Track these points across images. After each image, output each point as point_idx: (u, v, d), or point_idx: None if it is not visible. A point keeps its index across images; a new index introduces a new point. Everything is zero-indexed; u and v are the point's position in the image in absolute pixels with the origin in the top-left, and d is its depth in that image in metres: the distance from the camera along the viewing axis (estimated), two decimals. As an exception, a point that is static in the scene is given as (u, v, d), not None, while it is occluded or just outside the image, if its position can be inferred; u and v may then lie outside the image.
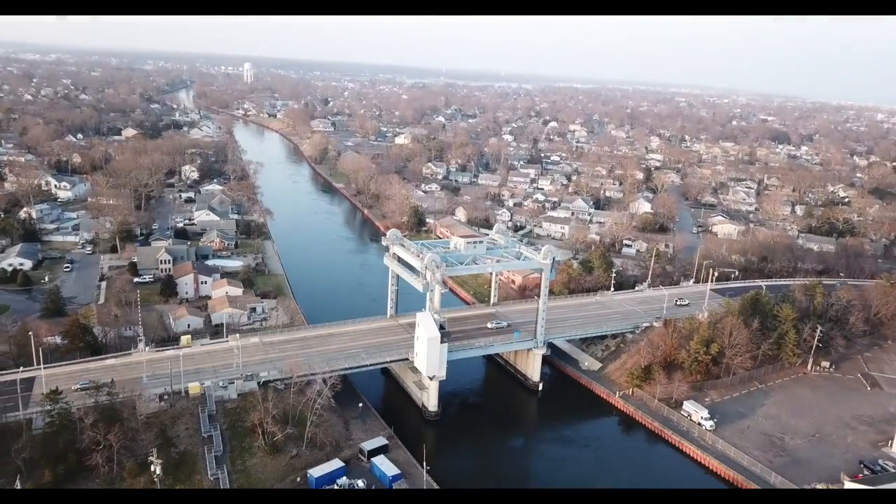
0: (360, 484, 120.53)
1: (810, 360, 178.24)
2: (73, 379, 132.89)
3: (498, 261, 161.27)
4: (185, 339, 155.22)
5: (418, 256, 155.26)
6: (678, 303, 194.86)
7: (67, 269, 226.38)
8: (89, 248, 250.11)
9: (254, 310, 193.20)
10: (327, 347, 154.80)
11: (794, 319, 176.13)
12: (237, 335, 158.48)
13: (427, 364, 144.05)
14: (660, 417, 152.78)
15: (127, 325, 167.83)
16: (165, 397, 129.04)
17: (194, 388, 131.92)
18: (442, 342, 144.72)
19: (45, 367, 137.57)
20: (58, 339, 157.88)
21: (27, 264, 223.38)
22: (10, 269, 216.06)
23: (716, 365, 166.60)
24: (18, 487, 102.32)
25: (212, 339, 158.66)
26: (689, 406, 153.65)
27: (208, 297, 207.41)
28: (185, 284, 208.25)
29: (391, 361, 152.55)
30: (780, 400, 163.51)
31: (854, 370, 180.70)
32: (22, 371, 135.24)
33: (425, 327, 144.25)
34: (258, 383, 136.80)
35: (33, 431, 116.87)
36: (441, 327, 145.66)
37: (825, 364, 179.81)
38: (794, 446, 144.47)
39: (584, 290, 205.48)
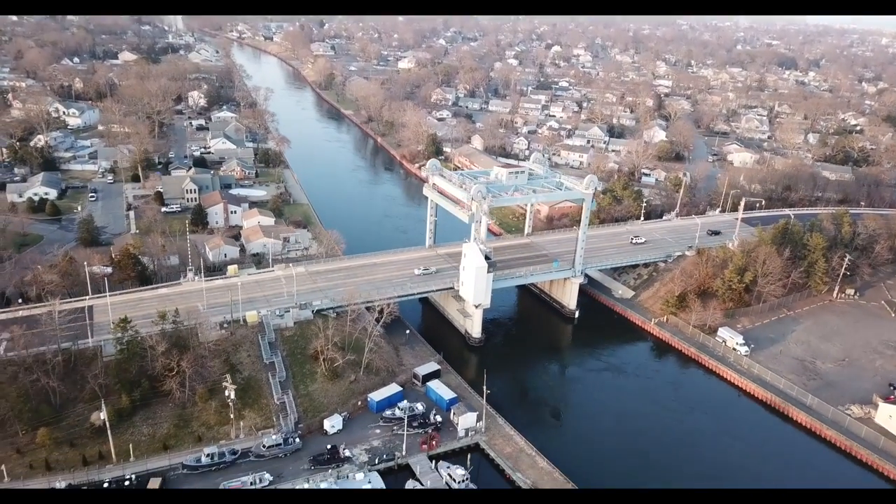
0: (420, 407, 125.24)
1: (836, 288, 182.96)
2: (128, 308, 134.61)
3: (540, 191, 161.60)
4: (231, 268, 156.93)
5: (461, 187, 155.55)
6: (709, 232, 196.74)
7: (93, 199, 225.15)
8: (110, 178, 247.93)
9: (287, 239, 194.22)
10: (373, 277, 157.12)
11: (823, 248, 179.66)
12: (283, 265, 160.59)
13: (474, 293, 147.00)
14: (695, 343, 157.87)
15: (167, 256, 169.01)
16: (225, 325, 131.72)
17: (251, 316, 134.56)
18: (488, 272, 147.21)
19: (98, 297, 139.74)
20: (103, 269, 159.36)
21: (52, 194, 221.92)
22: (36, 198, 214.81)
23: (747, 293, 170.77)
24: (103, 415, 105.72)
25: (258, 269, 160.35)
26: (723, 332, 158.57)
27: (238, 227, 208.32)
28: (215, 214, 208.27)
29: (437, 290, 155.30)
30: (808, 326, 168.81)
31: (878, 297, 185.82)
32: (78, 301, 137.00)
33: (472, 257, 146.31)
34: (312, 312, 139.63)
35: (104, 358, 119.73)
36: (486, 257, 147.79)
37: (850, 292, 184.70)
38: (826, 370, 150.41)
39: (614, 219, 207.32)
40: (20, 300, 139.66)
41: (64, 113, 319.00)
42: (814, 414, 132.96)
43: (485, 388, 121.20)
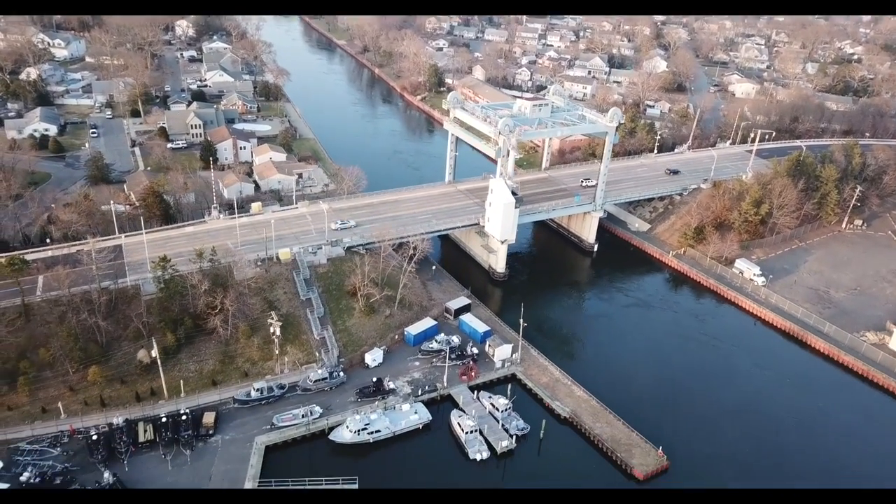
0: (455, 340, 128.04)
1: (845, 219, 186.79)
2: (158, 247, 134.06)
3: (564, 124, 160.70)
4: (255, 206, 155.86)
5: (486, 121, 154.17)
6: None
7: (94, 135, 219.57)
8: (109, 113, 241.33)
9: (300, 175, 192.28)
10: (397, 213, 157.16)
11: (835, 180, 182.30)
12: (306, 202, 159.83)
13: (501, 229, 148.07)
14: (713, 275, 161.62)
15: (183, 194, 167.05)
16: (259, 263, 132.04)
17: (284, 254, 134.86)
18: (515, 208, 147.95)
19: (127, 236, 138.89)
20: (122, 207, 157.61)
21: (52, 130, 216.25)
22: (38, 135, 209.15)
23: (762, 225, 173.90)
24: (154, 352, 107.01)
25: (282, 206, 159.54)
26: (740, 263, 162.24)
27: (247, 163, 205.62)
28: (225, 150, 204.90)
29: (463, 227, 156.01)
30: (820, 256, 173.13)
31: (884, 228, 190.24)
32: (106, 240, 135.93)
33: (499, 193, 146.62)
34: (343, 249, 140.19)
35: (144, 297, 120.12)
36: (513, 193, 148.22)
37: (858, 222, 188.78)
38: (839, 299, 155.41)
39: (627, 153, 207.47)
40: (48, 240, 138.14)
41: (49, 44, 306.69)
42: (831, 341, 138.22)
43: (521, 320, 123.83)
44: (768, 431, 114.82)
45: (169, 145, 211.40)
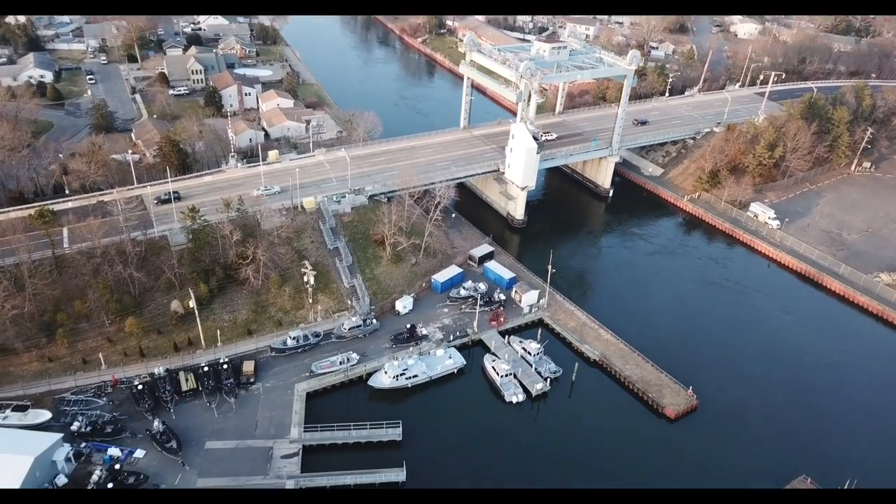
0: (482, 287, 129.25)
1: (855, 162, 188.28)
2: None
3: (583, 67, 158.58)
4: (272, 154, 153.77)
5: (505, 64, 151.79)
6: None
7: (92, 82, 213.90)
8: (103, 58, 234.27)
9: (308, 122, 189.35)
10: (415, 160, 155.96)
11: (847, 122, 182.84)
12: (323, 149, 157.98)
13: (523, 175, 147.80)
14: (728, 218, 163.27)
15: (199, 142, 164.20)
16: (284, 212, 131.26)
17: (309, 202, 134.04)
18: (536, 153, 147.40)
19: (146, 186, 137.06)
20: (134, 157, 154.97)
21: (48, 76, 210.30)
22: (34, 82, 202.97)
23: (775, 168, 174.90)
24: (192, 303, 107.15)
25: (299, 154, 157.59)
26: (755, 207, 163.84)
27: (253, 110, 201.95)
28: (230, 97, 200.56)
29: (483, 173, 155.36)
30: (831, 199, 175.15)
31: (892, 170, 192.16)
32: (127, 189, 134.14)
33: (521, 138, 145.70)
34: (366, 197, 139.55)
35: (173, 248, 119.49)
36: (534, 138, 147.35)
37: (867, 165, 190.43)
38: (852, 241, 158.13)
39: (637, 96, 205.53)
40: (66, 191, 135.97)
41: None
42: (846, 282, 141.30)
43: (549, 266, 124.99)
44: (794, 373, 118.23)
45: (170, 92, 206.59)
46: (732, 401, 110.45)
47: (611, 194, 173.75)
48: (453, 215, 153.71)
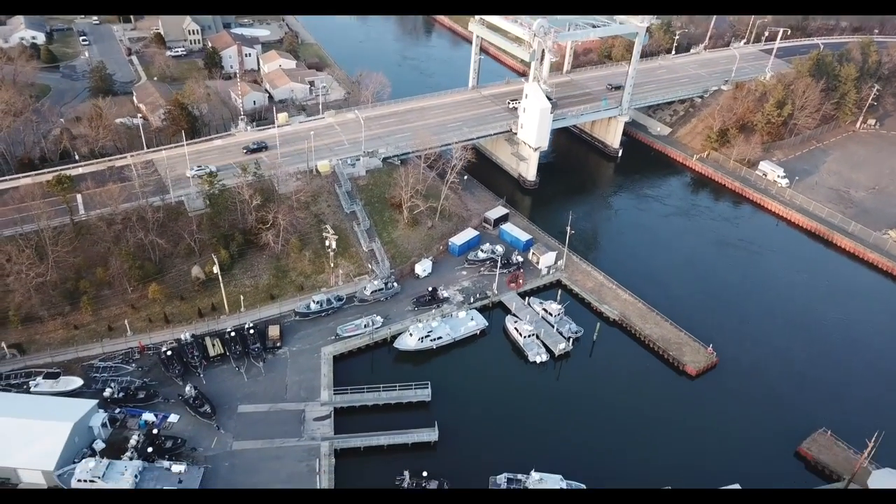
0: (500, 249, 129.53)
1: (860, 119, 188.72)
2: (190, 162, 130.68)
3: (595, 25, 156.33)
4: (281, 116, 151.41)
5: (517, 22, 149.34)
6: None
7: (86, 43, 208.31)
8: (94, 18, 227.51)
9: (312, 83, 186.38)
10: (426, 121, 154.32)
11: (854, 79, 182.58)
12: (332, 111, 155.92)
13: (536, 135, 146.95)
14: (738, 177, 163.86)
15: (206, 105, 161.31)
16: (299, 176, 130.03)
17: (324, 166, 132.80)
18: (550, 113, 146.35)
19: (156, 151, 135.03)
20: (135, 120, 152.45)
21: (39, 37, 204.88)
22: (27, 44, 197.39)
23: (783, 126, 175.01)
24: (216, 268, 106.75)
25: (308, 117, 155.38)
26: (764, 165, 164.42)
27: (253, 71, 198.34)
28: (230, 58, 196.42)
29: (496, 134, 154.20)
30: (837, 157, 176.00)
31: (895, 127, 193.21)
32: (138, 154, 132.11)
33: (535, 98, 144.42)
34: (380, 160, 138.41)
35: (190, 213, 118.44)
36: (548, 97, 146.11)
37: (871, 122, 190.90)
38: (860, 198, 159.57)
39: (644, 54, 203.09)
40: (76, 157, 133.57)
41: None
42: (856, 240, 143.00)
43: (568, 228, 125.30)
44: (809, 330, 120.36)
45: (168, 53, 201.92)
46: (751, 358, 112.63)
47: (620, 154, 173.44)
48: (465, 177, 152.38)
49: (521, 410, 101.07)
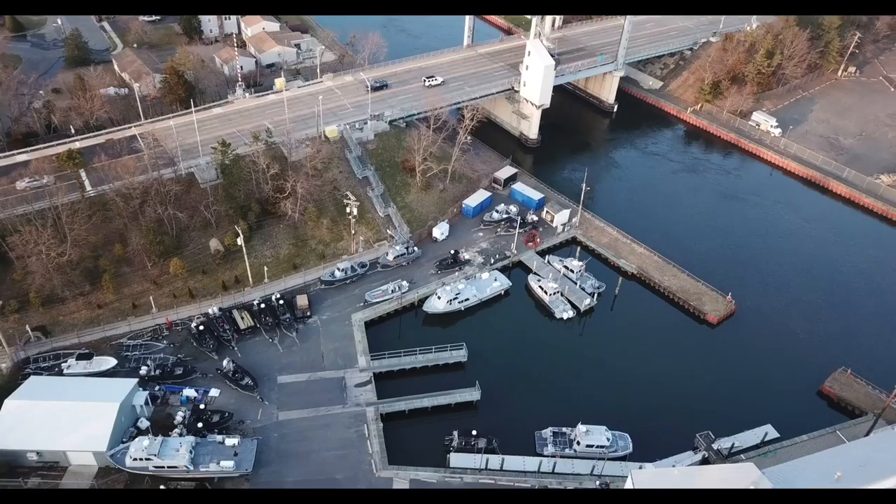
0: (514, 209, 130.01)
1: (841, 67, 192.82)
2: (192, 132, 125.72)
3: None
4: (279, 82, 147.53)
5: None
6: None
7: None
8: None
9: (298, 46, 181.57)
10: (427, 82, 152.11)
11: (837, 27, 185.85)
12: (330, 74, 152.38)
13: (540, 93, 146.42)
14: (733, 128, 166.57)
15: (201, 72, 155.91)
16: (308, 143, 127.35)
17: (332, 131, 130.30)
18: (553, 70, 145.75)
19: (155, 121, 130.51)
20: (118, 91, 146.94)
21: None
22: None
23: (772, 76, 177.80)
24: (240, 240, 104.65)
25: (307, 81, 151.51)
26: (757, 116, 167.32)
27: (233, 35, 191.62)
28: (209, 21, 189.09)
29: (498, 92, 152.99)
30: (824, 105, 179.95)
31: (875, 74, 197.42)
32: (140, 124, 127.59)
33: (537, 56, 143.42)
34: (387, 123, 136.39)
35: (202, 185, 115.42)
36: (551, 55, 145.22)
37: (852, 70, 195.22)
38: (849, 145, 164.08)
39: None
40: (72, 130, 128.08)
41: None
42: (851, 185, 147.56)
43: (584, 185, 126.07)
44: (822, 277, 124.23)
45: (142, 18, 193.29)
46: (767, 304, 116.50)
47: (615, 110, 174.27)
48: (468, 138, 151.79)
49: (555, 366, 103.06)
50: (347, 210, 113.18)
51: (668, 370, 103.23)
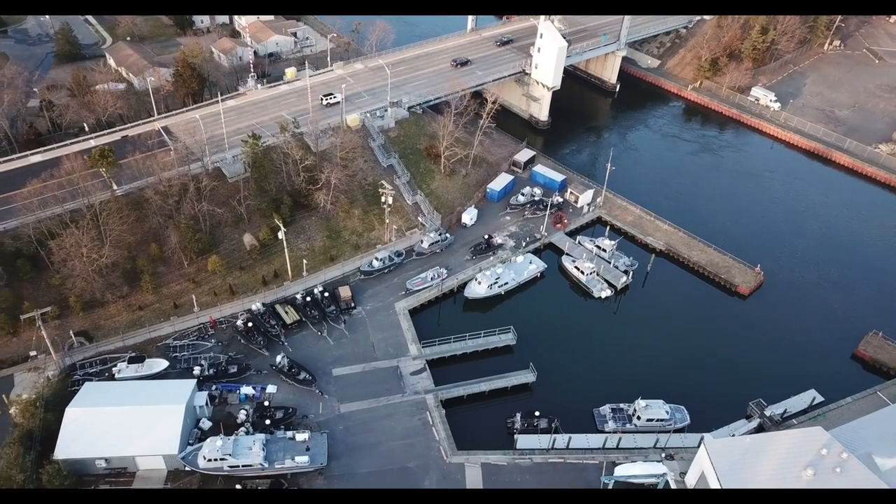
0: (537, 192, 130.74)
1: (827, 41, 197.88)
2: (209, 125, 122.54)
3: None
4: (289, 71, 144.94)
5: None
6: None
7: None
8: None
9: (295, 35, 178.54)
10: (438, 67, 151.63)
11: None
12: (340, 62, 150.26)
13: (553, 76, 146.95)
14: (734, 104, 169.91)
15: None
16: (331, 132, 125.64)
17: (353, 120, 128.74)
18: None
19: (169, 116, 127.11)
20: (117, 86, 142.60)
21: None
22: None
23: (766, 51, 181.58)
24: (281, 235, 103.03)
25: (316, 70, 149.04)
26: (756, 91, 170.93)
27: (225, 25, 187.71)
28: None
29: (510, 75, 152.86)
30: (815, 79, 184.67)
31: (858, 47, 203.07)
32: (151, 120, 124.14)
33: (550, 37, 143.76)
34: (406, 109, 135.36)
35: (230, 179, 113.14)
36: (563, 36, 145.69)
37: (837, 43, 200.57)
38: (844, 116, 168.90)
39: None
40: (85, 128, 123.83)
41: None
42: (853, 155, 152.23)
43: (609, 164, 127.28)
44: (840, 243, 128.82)
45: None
46: (795, 275, 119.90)
47: (617, 89, 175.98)
48: (480, 121, 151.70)
49: (600, 344, 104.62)
50: (382, 199, 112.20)
51: (708, 341, 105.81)
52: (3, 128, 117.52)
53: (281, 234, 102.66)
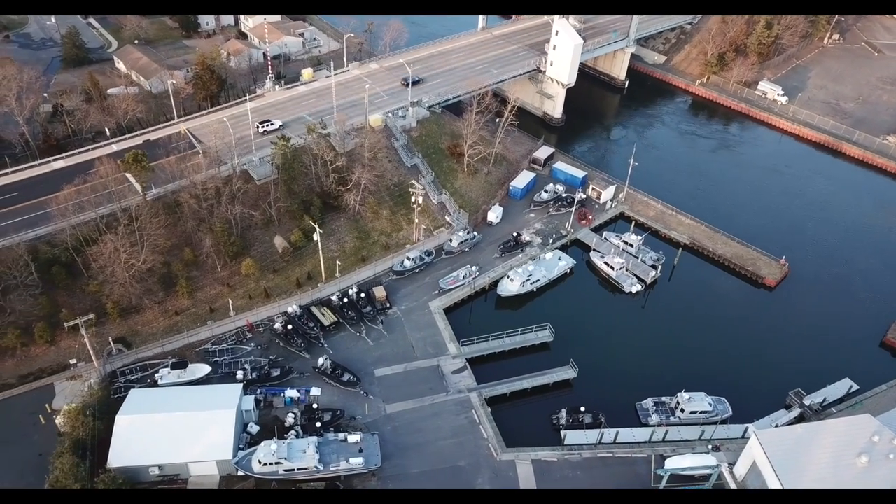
0: (560, 188, 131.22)
1: (827, 35, 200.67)
2: (231, 126, 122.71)
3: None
4: (306, 72, 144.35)
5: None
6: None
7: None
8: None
9: (302, 35, 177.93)
10: (452, 66, 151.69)
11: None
12: (356, 63, 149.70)
13: (569, 73, 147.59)
14: (742, 98, 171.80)
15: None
16: (354, 133, 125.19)
17: (376, 120, 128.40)
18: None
19: (190, 119, 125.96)
20: (130, 90, 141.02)
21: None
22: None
23: (771, 46, 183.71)
24: (316, 236, 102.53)
25: (333, 71, 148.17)
26: (763, 85, 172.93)
27: (230, 27, 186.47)
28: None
29: (524, 73, 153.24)
30: (818, 72, 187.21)
31: (857, 40, 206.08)
32: (172, 124, 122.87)
33: (566, 35, 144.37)
34: (427, 108, 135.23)
35: (257, 181, 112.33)
36: (578, 32, 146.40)
37: (836, 37, 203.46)
38: (850, 109, 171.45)
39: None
40: (107, 132, 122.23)
41: None
42: (863, 147, 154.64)
43: (631, 160, 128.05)
44: (861, 233, 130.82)
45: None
46: (817, 265, 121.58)
47: (626, 86, 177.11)
48: (497, 119, 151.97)
49: (635, 338, 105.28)
50: (413, 199, 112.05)
51: (739, 333, 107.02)
52: (24, 134, 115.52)
53: (316, 236, 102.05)
